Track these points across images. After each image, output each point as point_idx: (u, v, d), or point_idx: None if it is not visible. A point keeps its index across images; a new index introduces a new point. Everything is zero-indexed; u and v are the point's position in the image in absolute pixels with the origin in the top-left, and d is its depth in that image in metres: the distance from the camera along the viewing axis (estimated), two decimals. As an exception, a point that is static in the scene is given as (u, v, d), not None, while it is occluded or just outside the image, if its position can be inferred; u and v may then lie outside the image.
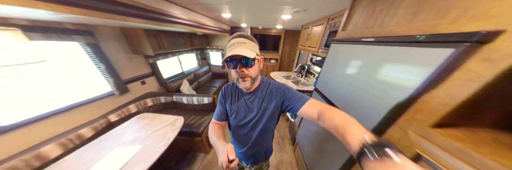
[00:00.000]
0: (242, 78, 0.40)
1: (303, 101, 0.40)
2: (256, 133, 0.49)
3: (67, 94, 0.86)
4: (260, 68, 0.42)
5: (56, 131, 0.78)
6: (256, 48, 0.40)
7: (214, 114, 0.54)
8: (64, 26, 0.77)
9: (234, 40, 0.38)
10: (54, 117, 0.78)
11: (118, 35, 1.10)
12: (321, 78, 0.78)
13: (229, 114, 0.50)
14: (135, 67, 1.24)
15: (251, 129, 0.49)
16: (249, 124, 0.48)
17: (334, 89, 0.63)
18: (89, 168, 0.61)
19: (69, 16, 0.52)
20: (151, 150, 0.71)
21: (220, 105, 0.51)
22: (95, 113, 0.95)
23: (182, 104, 1.39)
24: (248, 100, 0.46)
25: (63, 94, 0.84)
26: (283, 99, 0.43)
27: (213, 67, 2.70)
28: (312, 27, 1.41)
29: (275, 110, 0.44)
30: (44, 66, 0.75)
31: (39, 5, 0.39)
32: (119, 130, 0.87)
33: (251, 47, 0.38)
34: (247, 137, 0.51)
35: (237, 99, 0.48)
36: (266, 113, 0.45)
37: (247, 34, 0.40)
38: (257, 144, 0.53)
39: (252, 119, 0.46)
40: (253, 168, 0.64)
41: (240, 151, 0.56)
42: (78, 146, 0.79)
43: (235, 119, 0.49)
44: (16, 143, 0.66)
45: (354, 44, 0.52)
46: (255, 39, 0.41)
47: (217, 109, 0.52)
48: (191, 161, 1.17)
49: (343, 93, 0.56)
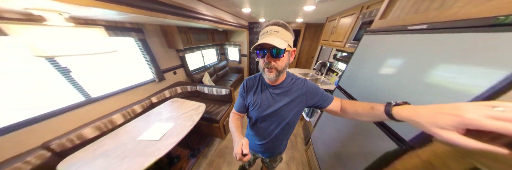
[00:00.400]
0: (268, 69, 0.38)
1: (331, 97, 0.44)
2: (280, 127, 0.48)
3: (126, 78, 1.14)
4: (289, 61, 0.40)
5: (119, 105, 1.06)
6: (289, 38, 0.36)
7: (234, 105, 0.55)
8: (125, 25, 1.00)
9: (267, 28, 0.36)
10: (119, 94, 1.07)
11: (158, 32, 1.33)
12: (347, 75, 0.73)
13: (250, 106, 0.49)
14: (169, 59, 1.48)
15: (275, 122, 0.48)
16: (273, 117, 0.47)
17: (363, 88, 0.58)
18: (141, 134, 0.82)
19: (129, 15, 0.68)
20: (181, 128, 0.88)
21: (240, 97, 0.52)
22: (142, 94, 1.23)
23: (204, 93, 1.58)
24: (274, 92, 0.45)
25: (123, 78, 1.12)
26: (311, 96, 0.44)
27: (230, 62, 2.86)
28: (339, 18, 1.28)
29: (301, 105, 0.44)
30: (114, 55, 1.02)
31: (115, 7, 0.54)
32: (158, 109, 1.10)
33: (285, 37, 0.35)
34: (269, 130, 0.50)
35: (260, 91, 0.47)
36: (293, 107, 0.44)
37: (283, 23, 0.36)
38: (279, 138, 0.53)
39: (277, 111, 0.45)
40: (267, 160, 0.66)
41: (258, 143, 0.56)
42: (132, 117, 1.05)
43: (258, 110, 0.47)
44: (98, 110, 0.95)
45: (396, 34, 0.45)
46: (290, 29, 0.37)
47: (238, 101, 0.53)
48: (209, 144, 1.36)
49: (373, 93, 0.50)
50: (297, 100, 0.44)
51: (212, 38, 2.07)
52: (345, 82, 0.74)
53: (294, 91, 0.44)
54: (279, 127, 0.49)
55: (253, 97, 0.48)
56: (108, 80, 1.02)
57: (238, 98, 0.53)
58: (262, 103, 0.46)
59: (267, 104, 0.46)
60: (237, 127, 0.47)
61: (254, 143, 0.58)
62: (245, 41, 2.56)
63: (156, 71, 1.30)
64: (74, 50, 0.53)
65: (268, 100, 0.46)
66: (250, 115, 0.51)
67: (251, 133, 0.57)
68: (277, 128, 0.49)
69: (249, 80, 0.50)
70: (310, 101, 0.44)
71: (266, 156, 0.63)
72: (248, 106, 0.50)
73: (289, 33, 0.36)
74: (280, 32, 0.35)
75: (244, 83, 0.51)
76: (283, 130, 0.50)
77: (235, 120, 0.51)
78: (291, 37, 0.37)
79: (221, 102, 1.53)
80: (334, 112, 0.43)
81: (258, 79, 0.49)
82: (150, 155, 0.68)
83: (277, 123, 0.48)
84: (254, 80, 0.49)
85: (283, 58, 0.37)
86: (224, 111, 1.35)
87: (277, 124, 0.48)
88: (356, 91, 0.63)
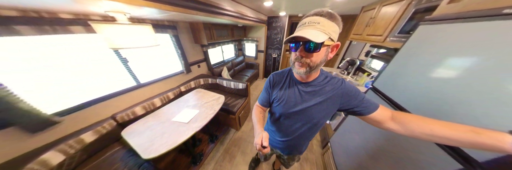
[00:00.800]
0: (299, 63, 0.35)
1: (375, 105, 0.38)
2: (306, 127, 0.46)
3: (163, 68, 1.36)
4: (328, 57, 0.35)
5: (158, 91, 1.29)
6: (333, 30, 0.31)
7: (258, 98, 0.54)
8: (164, 23, 1.18)
9: (306, 19, 0.32)
10: (158, 82, 1.29)
11: (188, 29, 1.50)
12: (386, 75, 0.63)
13: (275, 102, 0.48)
14: (195, 53, 1.66)
15: (301, 122, 0.46)
16: (299, 115, 0.44)
17: (413, 93, 0.48)
18: (175, 116, 1.00)
19: (168, 13, 0.79)
20: (204, 115, 1.01)
21: (265, 91, 0.51)
22: (173, 83, 1.44)
23: (222, 86, 1.71)
24: (303, 90, 0.43)
25: (161, 69, 1.34)
26: (348, 99, 0.39)
27: (247, 58, 2.93)
28: (380, 7, 1.07)
29: (333, 107, 0.41)
30: (156, 49, 1.24)
31: (161, 6, 0.63)
32: (186, 97, 1.28)
33: (326, 29, 0.30)
34: (293, 129, 0.48)
35: (288, 86, 0.45)
36: (323, 109, 0.41)
37: (328, 11, 0.31)
38: (303, 138, 0.51)
39: (305, 111, 0.43)
40: (285, 156, 0.65)
41: (280, 139, 0.54)
42: (167, 102, 1.27)
43: (284, 107, 0.45)
44: (144, 93, 1.19)
45: (478, 22, 0.33)
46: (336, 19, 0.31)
47: (262, 95, 0.53)
48: (225, 133, 1.50)
49: (431, 100, 0.41)
50: (329, 101, 0.40)
51: (231, 34, 2.17)
52: (383, 84, 0.64)
53: (327, 90, 0.40)
54: (304, 127, 0.47)
55: (279, 93, 0.46)
56: (151, 70, 1.25)
57: (263, 92, 0.52)
58: (289, 100, 0.44)
59: (294, 101, 0.44)
60: (259, 119, 0.48)
61: (275, 139, 0.56)
62: (262, 36, 2.56)
63: (185, 64, 1.49)
64: (133, 43, 0.69)
65: (296, 97, 0.43)
66: (274, 110, 0.50)
67: (272, 128, 0.56)
68: (302, 128, 0.47)
69: (276, 75, 0.49)
70: (346, 104, 0.40)
71: (285, 153, 0.61)
72: (272, 101, 0.49)
73: (333, 24, 0.31)
74: (321, 24, 0.30)
75: (271, 78, 0.49)
76: (308, 130, 0.47)
77: (257, 112, 0.51)
78: (335, 29, 0.31)
79: (237, 95, 1.63)
80: (377, 122, 0.37)
81: (287, 75, 0.47)
82: (181, 134, 0.82)
83: (303, 122, 0.45)
84: (281, 75, 0.48)
85: (318, 54, 0.33)
86: (240, 104, 1.45)
87: (302, 123, 0.46)
88: (402, 95, 0.52)
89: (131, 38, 0.69)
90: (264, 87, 0.52)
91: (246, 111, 1.65)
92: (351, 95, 0.40)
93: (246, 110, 1.65)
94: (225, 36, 2.01)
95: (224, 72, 2.02)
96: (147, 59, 1.21)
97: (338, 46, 0.35)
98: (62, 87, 0.77)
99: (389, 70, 0.62)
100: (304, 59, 0.34)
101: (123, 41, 0.67)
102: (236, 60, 2.57)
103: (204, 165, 1.15)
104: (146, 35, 0.74)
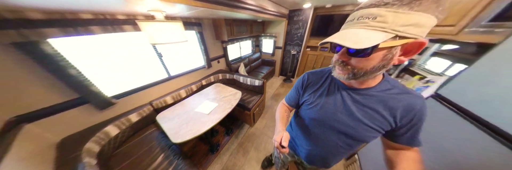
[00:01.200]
0: (340, 67, 0.28)
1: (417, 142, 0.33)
2: (345, 142, 0.38)
3: (188, 63, 1.51)
4: (391, 62, 0.25)
5: (183, 83, 1.46)
6: (411, 23, 0.21)
7: (286, 96, 0.50)
8: (191, 20, 1.28)
9: (357, 13, 0.24)
10: (184, 75, 1.45)
11: (211, 25, 1.59)
12: (465, 81, 0.48)
13: (305, 104, 0.42)
14: (215, 49, 1.77)
15: (337, 134, 0.38)
16: (336, 126, 0.36)
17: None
18: (197, 107, 1.11)
19: (196, 10, 0.84)
20: (223, 108, 1.08)
21: (295, 91, 0.46)
22: (196, 77, 1.59)
23: (239, 82, 1.77)
24: (351, 98, 0.34)
25: (186, 63, 1.50)
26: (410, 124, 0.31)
27: (264, 55, 2.91)
28: None
29: (387, 125, 0.32)
30: (183, 45, 1.39)
31: (190, 2, 0.68)
32: (206, 90, 1.40)
33: (392, 25, 0.21)
34: (326, 140, 0.40)
35: (327, 91, 0.38)
36: (375, 126, 0.32)
37: None
38: (336, 153, 0.42)
39: (346, 122, 0.35)
40: (307, 166, 0.56)
41: (306, 147, 0.47)
42: (190, 94, 1.41)
43: (318, 113, 0.38)
44: (173, 85, 1.36)
45: None
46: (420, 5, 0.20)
47: (291, 94, 0.48)
48: (240, 127, 1.57)
49: None
50: (386, 120, 0.31)
51: (250, 29, 2.18)
52: (460, 93, 0.48)
53: (390, 107, 0.31)
54: (340, 141, 0.38)
55: (314, 96, 0.40)
56: (178, 64, 1.41)
57: (292, 91, 0.48)
58: (326, 106, 0.37)
59: (333, 109, 0.36)
60: (282, 117, 0.46)
61: (300, 144, 0.49)
62: (281, 32, 2.46)
63: (207, 59, 1.61)
64: (168, 39, 0.78)
65: (336, 105, 0.35)
66: (303, 113, 0.43)
67: (298, 133, 0.48)
68: (337, 141, 0.39)
69: (312, 75, 0.42)
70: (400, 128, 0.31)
71: (307, 162, 0.52)
72: (302, 103, 0.43)
73: (417, 14, 0.20)
74: (383, 18, 0.21)
75: (305, 78, 0.43)
76: (346, 146, 0.39)
77: (282, 111, 0.48)
78: (420, 21, 0.20)
79: (253, 92, 1.66)
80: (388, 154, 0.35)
81: (327, 76, 0.39)
82: (203, 124, 0.91)
83: (341, 136, 0.37)
84: (319, 75, 0.41)
85: (369, 59, 0.24)
86: (256, 101, 1.48)
87: (339, 137, 0.38)
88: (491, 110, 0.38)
89: (166, 35, 0.79)
90: (294, 86, 0.47)
91: (260, 108, 1.67)
92: (414, 121, 0.31)
93: (261, 107, 1.67)
94: (244, 32, 2.04)
95: (241, 69, 2.08)
96: (176, 55, 1.36)
97: (421, 46, 0.23)
98: (115, 77, 0.97)
99: (471, 74, 0.46)
100: (346, 64, 0.26)
101: (160, 37, 0.77)
102: (253, 57, 2.59)
103: (220, 155, 1.25)
104: (177, 31, 0.83)
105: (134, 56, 1.04)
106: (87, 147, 0.74)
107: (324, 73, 0.41)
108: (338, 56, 0.27)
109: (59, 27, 0.62)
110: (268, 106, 1.99)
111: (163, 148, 0.93)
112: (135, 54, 1.04)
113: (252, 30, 2.24)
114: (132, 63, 1.04)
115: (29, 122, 0.66)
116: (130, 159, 0.85)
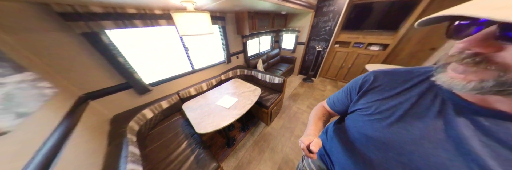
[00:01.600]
0: (466, 66, 0.16)
1: None
2: None
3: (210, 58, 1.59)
4: None
5: (205, 77, 1.54)
6: None
7: (330, 97, 0.42)
8: (215, 14, 1.31)
9: None
10: (205, 70, 1.53)
11: (233, 19, 1.59)
12: None
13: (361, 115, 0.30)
14: (235, 45, 1.79)
15: None
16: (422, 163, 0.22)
17: None
18: (218, 100, 1.15)
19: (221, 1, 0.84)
20: (242, 104, 1.09)
21: (344, 93, 0.36)
22: (216, 71, 1.66)
23: (256, 79, 1.75)
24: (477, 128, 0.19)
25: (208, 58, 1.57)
26: None
27: (283, 51, 2.78)
28: None
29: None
30: (206, 39, 1.45)
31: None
32: (226, 85, 1.43)
33: None
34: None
35: (414, 105, 0.24)
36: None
37: None
38: None
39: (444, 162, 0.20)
40: None
41: (348, 167, 0.34)
42: (211, 88, 1.49)
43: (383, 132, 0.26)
44: (196, 78, 1.46)
45: None
46: None
47: (338, 95, 0.39)
48: (255, 125, 1.56)
49: None
50: None
51: (272, 23, 2.10)
52: None
53: None
54: None
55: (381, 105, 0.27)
56: (201, 58, 1.49)
57: (340, 93, 0.38)
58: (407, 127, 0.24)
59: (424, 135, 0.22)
60: (316, 122, 0.37)
61: (336, 161, 0.38)
62: (306, 26, 2.27)
63: (227, 54, 1.64)
64: (196, 30, 0.81)
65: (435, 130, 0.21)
66: (351, 124, 0.33)
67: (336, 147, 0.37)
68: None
69: (385, 76, 0.29)
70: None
71: None
72: (354, 110, 0.33)
73: None
74: None
75: (368, 78, 0.31)
76: None
77: (319, 114, 0.40)
78: None
79: (271, 90, 1.61)
80: None
81: (418, 81, 0.25)
82: (224, 118, 0.94)
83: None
84: (400, 78, 0.27)
85: None
86: (274, 99, 1.43)
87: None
88: None
89: (195, 26, 0.82)
90: (346, 87, 0.37)
91: (278, 108, 1.61)
92: None
93: (278, 106, 1.61)
94: (265, 27, 1.98)
95: (259, 65, 2.05)
96: (200, 49, 1.44)
97: None
98: (150, 66, 1.10)
99: None
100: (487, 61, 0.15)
101: (190, 28, 0.81)
102: (271, 53, 2.52)
103: (235, 149, 1.28)
104: (205, 23, 0.86)
105: (165, 49, 1.15)
106: (130, 125, 0.87)
107: (412, 76, 0.26)
108: (471, 43, 0.15)
109: (112, 20, 0.74)
110: (285, 106, 1.91)
111: (187, 135, 1.02)
112: (166, 47, 1.15)
113: (274, 24, 2.15)
114: (163, 55, 1.16)
115: (92, 99, 0.83)
116: (160, 141, 0.96)
